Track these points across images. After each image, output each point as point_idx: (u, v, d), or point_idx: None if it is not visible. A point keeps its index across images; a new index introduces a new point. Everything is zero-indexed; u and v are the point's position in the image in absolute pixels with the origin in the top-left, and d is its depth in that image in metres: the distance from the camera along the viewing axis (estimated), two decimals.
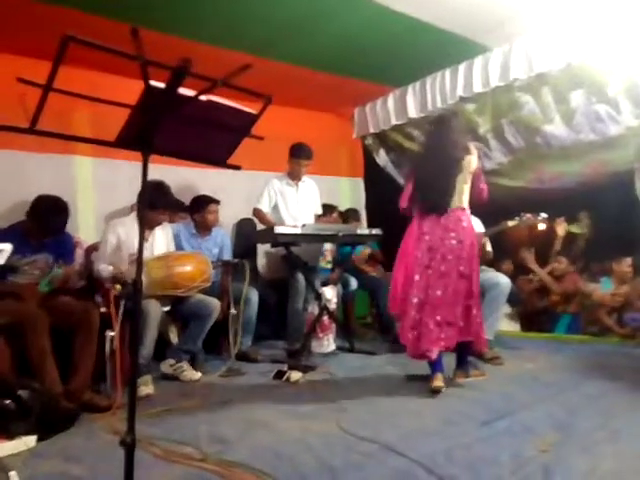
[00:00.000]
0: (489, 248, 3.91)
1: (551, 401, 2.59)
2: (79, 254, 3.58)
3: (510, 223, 3.77)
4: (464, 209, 2.99)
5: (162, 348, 3.41)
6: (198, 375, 3.30)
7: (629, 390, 2.71)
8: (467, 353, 3.04)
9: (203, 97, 1.17)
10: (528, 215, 3.72)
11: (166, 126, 1.19)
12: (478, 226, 4.05)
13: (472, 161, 2.99)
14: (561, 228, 4.65)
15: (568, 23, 3.87)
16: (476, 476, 1.78)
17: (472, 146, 3.09)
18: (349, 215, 5.15)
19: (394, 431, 2.24)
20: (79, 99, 1.20)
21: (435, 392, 2.77)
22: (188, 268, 3.24)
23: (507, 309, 4.62)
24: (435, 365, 2.85)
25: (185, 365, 3.32)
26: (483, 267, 3.91)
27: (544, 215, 3.72)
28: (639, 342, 3.68)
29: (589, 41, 3.81)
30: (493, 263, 4.08)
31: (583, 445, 2.03)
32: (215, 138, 1.33)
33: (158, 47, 1.10)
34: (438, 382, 2.79)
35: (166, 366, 3.33)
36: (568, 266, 4.76)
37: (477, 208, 4.11)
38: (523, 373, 3.18)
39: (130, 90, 1.44)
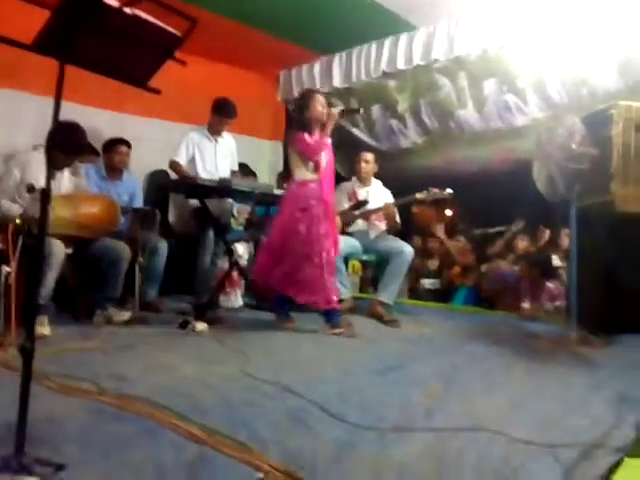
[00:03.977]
0: (397, 218, 4.10)
1: (439, 358, 2.81)
2: None
3: (418, 195, 3.97)
4: (291, 176, 3.42)
5: (64, 292, 3.30)
6: (127, 314, 3.34)
7: (507, 353, 2.98)
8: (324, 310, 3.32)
9: (128, 10, 1.15)
10: (435, 190, 3.93)
11: (86, 35, 1.15)
12: (388, 197, 4.24)
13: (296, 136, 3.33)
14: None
15: (489, 10, 4.08)
16: (365, 414, 1.91)
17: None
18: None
19: (293, 377, 2.33)
20: None
21: None
22: (94, 209, 3.15)
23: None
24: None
25: (111, 310, 3.32)
26: (390, 236, 4.12)
27: (450, 190, 3.94)
28: (520, 314, 4.04)
29: (505, 31, 4.04)
30: (402, 233, 4.28)
31: (464, 394, 2.22)
32: (137, 56, 1.30)
33: None
34: None
35: (97, 318, 3.32)
36: (466, 244, 5.11)
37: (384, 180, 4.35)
38: (418, 335, 3.40)
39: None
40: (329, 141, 3.36)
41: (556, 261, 4.08)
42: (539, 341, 3.28)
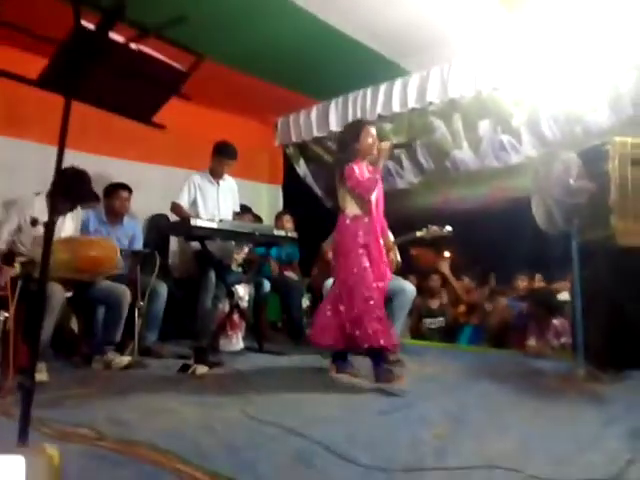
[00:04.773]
0: (398, 257, 4.08)
1: (445, 397, 2.74)
2: None
3: (418, 233, 3.97)
4: (343, 211, 3.11)
5: (62, 337, 3.26)
6: (126, 359, 3.27)
7: (515, 391, 2.91)
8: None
9: (134, 46, 1.17)
10: (434, 227, 3.94)
11: (92, 72, 1.16)
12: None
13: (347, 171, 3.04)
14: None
15: (481, 53, 4.19)
16: (374, 455, 1.85)
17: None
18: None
19: (297, 418, 2.27)
20: None
21: None
22: (95, 253, 3.13)
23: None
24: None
25: (111, 355, 3.27)
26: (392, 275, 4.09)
27: (449, 228, 3.94)
28: (527, 352, 3.97)
29: (498, 72, 4.14)
30: (402, 272, 4.25)
31: (473, 432, 2.16)
32: (142, 92, 1.31)
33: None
34: None
35: (96, 364, 3.27)
36: (470, 282, 5.09)
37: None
38: (422, 375, 3.32)
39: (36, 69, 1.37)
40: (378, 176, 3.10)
41: (565, 295, 4.04)
42: (547, 378, 3.21)
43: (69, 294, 3.16)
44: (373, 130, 3.15)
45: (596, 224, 3.27)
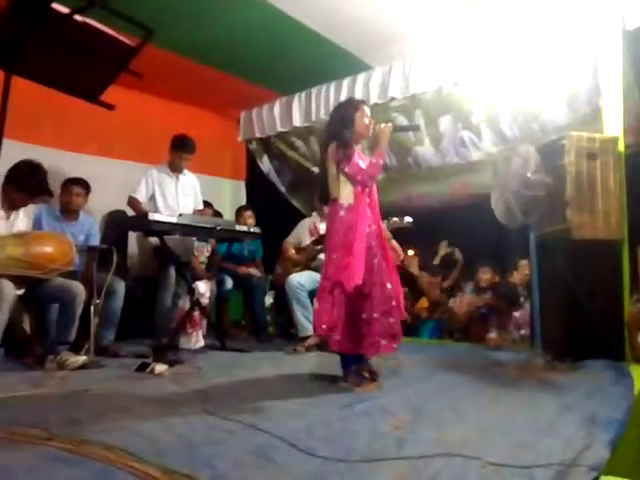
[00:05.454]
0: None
1: (407, 389, 2.75)
2: None
3: None
4: (335, 200, 2.78)
5: (13, 336, 3.14)
6: (82, 359, 3.11)
7: (475, 382, 2.96)
8: None
9: (79, 18, 1.10)
10: (395, 219, 3.94)
11: (34, 45, 1.09)
12: None
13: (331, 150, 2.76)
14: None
15: (442, 49, 4.23)
16: (334, 447, 1.83)
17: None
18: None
19: (258, 413, 2.24)
20: None
21: None
22: (48, 249, 3.02)
23: None
24: None
25: (65, 355, 3.11)
26: None
27: (409, 219, 3.95)
28: (487, 345, 4.03)
29: (459, 69, 4.19)
30: None
31: (433, 422, 2.17)
32: (88, 68, 1.23)
33: None
34: None
35: (49, 364, 3.10)
36: (430, 278, 5.13)
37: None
38: (383, 367, 3.31)
39: None
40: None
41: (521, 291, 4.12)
42: (506, 368, 3.26)
43: (21, 292, 3.04)
44: (367, 110, 2.86)
45: (553, 217, 3.33)
